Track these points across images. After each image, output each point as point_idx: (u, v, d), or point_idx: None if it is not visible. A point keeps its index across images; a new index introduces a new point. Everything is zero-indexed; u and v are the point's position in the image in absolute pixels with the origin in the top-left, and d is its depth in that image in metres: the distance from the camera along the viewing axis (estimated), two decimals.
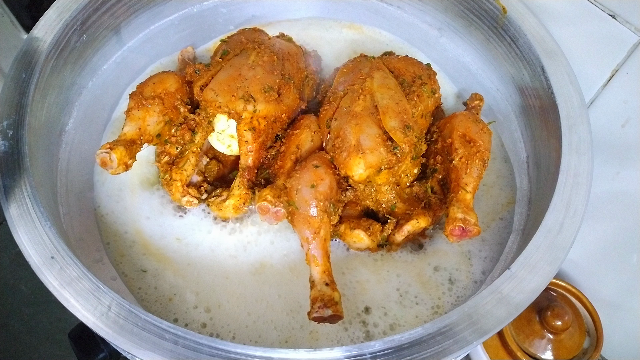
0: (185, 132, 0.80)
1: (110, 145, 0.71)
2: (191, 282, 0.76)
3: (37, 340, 1.24)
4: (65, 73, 0.82)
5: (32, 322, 1.26)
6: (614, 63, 0.81)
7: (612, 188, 0.90)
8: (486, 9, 0.87)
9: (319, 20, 1.04)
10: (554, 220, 0.67)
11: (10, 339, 1.23)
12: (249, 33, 0.90)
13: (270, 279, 0.77)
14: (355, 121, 0.75)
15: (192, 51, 0.95)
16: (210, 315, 0.74)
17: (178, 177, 0.79)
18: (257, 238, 0.80)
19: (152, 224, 0.81)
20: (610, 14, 0.78)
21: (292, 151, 0.79)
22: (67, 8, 0.80)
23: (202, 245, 0.79)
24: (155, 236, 0.80)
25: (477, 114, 0.84)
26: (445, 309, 0.75)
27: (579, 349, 0.93)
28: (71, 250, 0.62)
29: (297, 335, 0.73)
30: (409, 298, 0.76)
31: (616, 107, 0.84)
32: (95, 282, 0.59)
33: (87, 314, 0.58)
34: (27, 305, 1.28)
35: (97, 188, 0.84)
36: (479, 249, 0.80)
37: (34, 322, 1.26)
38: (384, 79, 0.81)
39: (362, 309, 0.75)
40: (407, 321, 0.74)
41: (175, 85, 0.80)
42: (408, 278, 0.77)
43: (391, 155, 0.73)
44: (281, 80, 0.81)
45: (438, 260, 0.79)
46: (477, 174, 0.74)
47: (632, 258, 0.93)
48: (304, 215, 0.70)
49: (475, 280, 0.78)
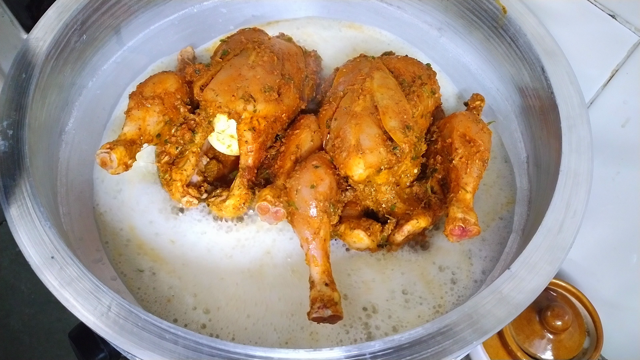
0: (185, 132, 0.80)
1: (110, 145, 0.71)
2: (189, 282, 0.76)
3: (37, 340, 1.24)
4: (65, 73, 0.82)
5: (32, 322, 1.26)
6: (614, 63, 0.81)
7: (612, 188, 0.90)
8: (486, 9, 0.87)
9: (319, 19, 1.04)
10: (554, 220, 0.67)
11: (10, 339, 1.23)
12: (249, 33, 0.90)
13: (270, 280, 0.77)
14: (355, 121, 0.75)
15: (191, 51, 0.95)
16: (210, 317, 0.74)
17: (178, 177, 0.79)
18: (256, 238, 0.80)
19: (151, 223, 0.81)
20: (610, 14, 0.78)
21: (292, 151, 0.79)
22: (67, 8, 0.80)
23: (200, 245, 0.79)
24: (154, 236, 0.80)
25: (477, 114, 0.84)
26: (447, 308, 0.75)
27: (579, 349, 0.93)
28: (71, 250, 0.62)
29: (298, 336, 0.72)
30: (413, 299, 0.76)
31: (616, 107, 0.84)
32: (95, 282, 0.59)
33: (87, 314, 0.58)
34: (27, 305, 1.28)
35: (96, 186, 0.84)
36: (479, 249, 0.80)
37: (34, 322, 1.26)
38: (384, 79, 0.81)
39: (364, 310, 0.75)
40: (410, 322, 0.74)
41: (175, 85, 0.80)
42: (412, 277, 0.77)
43: (391, 155, 0.73)
44: (281, 80, 0.81)
45: (442, 259, 0.79)
46: (477, 173, 0.74)
47: (632, 258, 0.93)
48: (304, 215, 0.70)
49: (476, 280, 0.78)
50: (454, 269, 0.78)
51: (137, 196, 0.83)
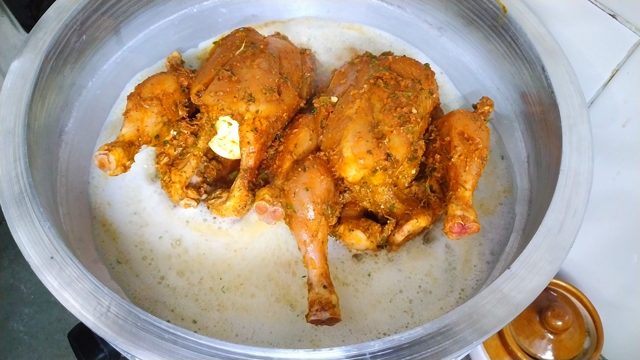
0: (188, 137, 0.80)
1: (108, 146, 0.71)
2: (188, 283, 0.76)
3: (37, 340, 1.24)
4: (65, 73, 0.82)
5: (32, 322, 1.26)
6: (614, 63, 0.81)
7: (612, 188, 0.90)
8: (486, 8, 0.87)
9: (319, 19, 1.04)
10: (554, 219, 0.67)
11: (10, 339, 1.23)
12: (242, 33, 0.90)
13: (272, 281, 0.77)
14: (348, 122, 0.75)
15: (178, 56, 0.94)
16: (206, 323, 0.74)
17: (177, 179, 0.79)
18: (255, 238, 0.80)
19: (151, 223, 0.81)
20: (610, 14, 0.78)
21: (290, 150, 0.79)
22: (66, 8, 0.80)
23: (200, 245, 0.79)
24: (154, 236, 0.80)
25: (484, 119, 0.83)
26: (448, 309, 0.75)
27: (579, 349, 0.93)
28: (71, 251, 0.62)
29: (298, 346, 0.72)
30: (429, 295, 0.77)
31: (616, 106, 0.84)
32: (95, 283, 0.59)
33: (87, 314, 0.58)
34: (27, 305, 1.28)
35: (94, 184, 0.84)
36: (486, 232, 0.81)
37: (34, 322, 1.26)
38: (380, 82, 0.81)
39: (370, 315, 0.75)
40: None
41: (173, 86, 0.80)
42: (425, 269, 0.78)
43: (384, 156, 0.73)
44: (280, 79, 0.81)
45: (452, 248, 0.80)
46: (476, 171, 0.74)
47: (633, 258, 0.93)
48: (302, 218, 0.70)
49: (488, 261, 0.79)
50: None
51: (137, 196, 0.83)
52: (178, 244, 0.79)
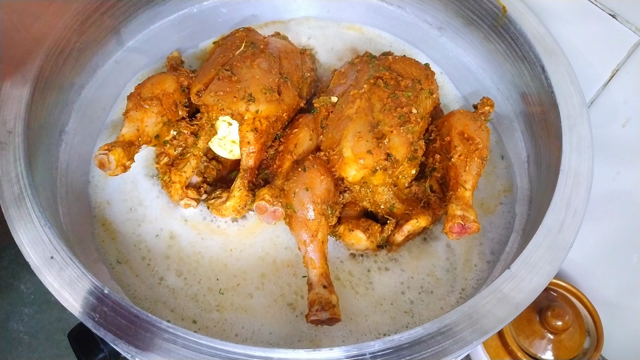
0: (188, 137, 0.80)
1: (108, 146, 0.71)
2: (187, 284, 0.76)
3: (37, 340, 1.24)
4: (65, 73, 0.82)
5: (32, 322, 1.26)
6: (614, 63, 0.81)
7: (612, 188, 0.90)
8: (486, 8, 0.87)
9: (319, 19, 1.04)
10: (554, 219, 0.67)
11: (10, 339, 1.23)
12: (242, 33, 0.90)
13: (271, 281, 0.77)
14: (348, 122, 0.75)
15: (178, 56, 0.94)
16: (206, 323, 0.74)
17: (177, 179, 0.79)
18: (251, 238, 0.80)
19: (152, 223, 0.81)
20: (610, 14, 0.78)
21: (290, 150, 0.78)
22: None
23: (200, 245, 0.79)
24: (154, 236, 0.80)
25: (485, 119, 0.82)
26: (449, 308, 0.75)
27: (580, 349, 0.93)
28: (71, 251, 0.62)
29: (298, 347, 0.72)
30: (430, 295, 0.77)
31: (616, 106, 0.84)
32: (95, 283, 0.59)
33: (87, 314, 0.57)
34: (27, 305, 1.28)
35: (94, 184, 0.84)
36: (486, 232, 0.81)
37: (34, 322, 1.26)
38: (380, 82, 0.81)
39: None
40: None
41: (173, 86, 0.80)
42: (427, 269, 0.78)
43: (384, 156, 0.73)
44: (280, 78, 0.81)
45: (453, 247, 0.80)
46: (476, 171, 0.74)
47: (633, 258, 0.93)
48: (302, 218, 0.70)
49: (488, 261, 0.79)
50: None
51: (137, 196, 0.83)
52: (174, 243, 0.79)
